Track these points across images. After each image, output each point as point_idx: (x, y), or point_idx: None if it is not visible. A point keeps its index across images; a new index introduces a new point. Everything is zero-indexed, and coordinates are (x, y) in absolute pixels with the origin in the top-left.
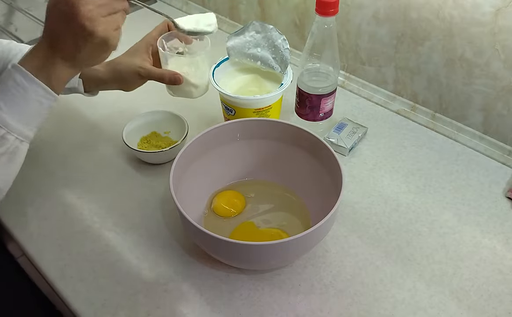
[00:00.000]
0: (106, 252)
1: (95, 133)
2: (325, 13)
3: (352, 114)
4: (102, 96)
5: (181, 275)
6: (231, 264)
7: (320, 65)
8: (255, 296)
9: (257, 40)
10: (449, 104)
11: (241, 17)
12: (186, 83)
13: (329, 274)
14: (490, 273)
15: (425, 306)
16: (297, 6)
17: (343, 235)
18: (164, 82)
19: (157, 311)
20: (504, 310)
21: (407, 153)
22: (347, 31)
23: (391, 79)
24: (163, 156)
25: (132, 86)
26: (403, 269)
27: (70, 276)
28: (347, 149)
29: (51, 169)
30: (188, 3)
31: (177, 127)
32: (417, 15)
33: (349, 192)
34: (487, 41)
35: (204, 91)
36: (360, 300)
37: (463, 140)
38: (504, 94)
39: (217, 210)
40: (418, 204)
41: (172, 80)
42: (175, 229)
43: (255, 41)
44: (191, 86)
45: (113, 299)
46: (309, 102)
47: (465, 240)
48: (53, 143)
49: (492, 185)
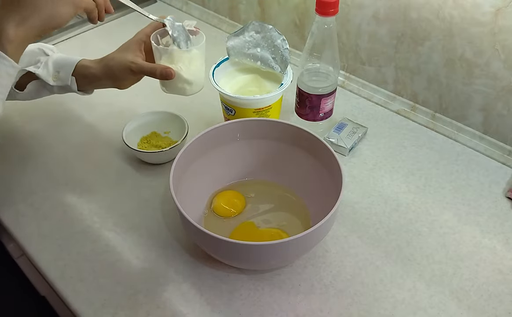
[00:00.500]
0: (106, 252)
1: (95, 134)
2: (325, 13)
3: (352, 114)
4: (102, 97)
5: (181, 275)
6: (231, 264)
7: (320, 65)
8: (255, 296)
9: (256, 40)
10: (449, 104)
11: (241, 17)
12: (179, 79)
13: (329, 274)
14: (490, 273)
15: (425, 306)
16: (297, 6)
17: (343, 235)
18: (156, 77)
19: (157, 311)
20: (504, 310)
21: (407, 153)
22: (347, 31)
23: (391, 79)
24: (163, 156)
25: (125, 83)
26: (403, 269)
27: (70, 276)
28: (347, 149)
29: (51, 169)
30: (188, 3)
31: (177, 127)
32: (417, 15)
33: (349, 192)
34: (487, 41)
35: (199, 89)
36: (360, 300)
37: (463, 140)
38: (504, 94)
39: (217, 210)
40: (418, 204)
41: (164, 74)
42: (175, 229)
43: (255, 41)
44: (184, 82)
45: (113, 299)
46: (309, 102)
47: (465, 240)
48: (53, 144)
49: (492, 185)
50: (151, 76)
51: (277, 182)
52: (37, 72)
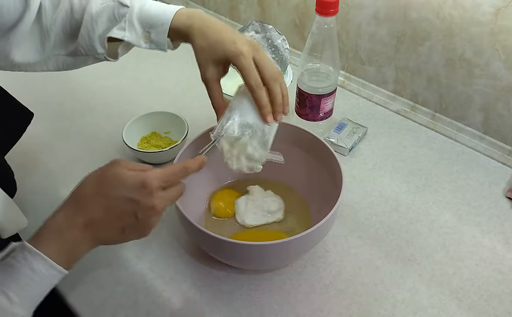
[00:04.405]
0: (106, 252)
1: (95, 134)
2: (325, 13)
3: (352, 114)
4: (102, 97)
5: (181, 275)
6: (231, 264)
7: (320, 65)
8: (255, 296)
9: (256, 40)
10: (449, 104)
11: (241, 17)
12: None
13: (329, 274)
14: (490, 273)
15: (425, 306)
16: (297, 6)
17: (343, 235)
18: (216, 112)
19: (157, 311)
20: (504, 310)
21: (407, 154)
22: (347, 31)
23: (391, 79)
24: (163, 156)
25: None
26: (403, 269)
27: (70, 276)
28: (347, 149)
29: (51, 169)
30: (188, 3)
31: (177, 127)
32: (417, 15)
33: (349, 192)
34: (487, 41)
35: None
36: (360, 300)
37: (463, 140)
38: (504, 94)
39: (214, 210)
40: (418, 204)
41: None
42: (175, 229)
43: (255, 41)
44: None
45: (113, 299)
46: (309, 102)
47: (465, 240)
48: (53, 144)
49: (492, 185)
50: (213, 107)
51: (277, 182)
52: (126, 39)
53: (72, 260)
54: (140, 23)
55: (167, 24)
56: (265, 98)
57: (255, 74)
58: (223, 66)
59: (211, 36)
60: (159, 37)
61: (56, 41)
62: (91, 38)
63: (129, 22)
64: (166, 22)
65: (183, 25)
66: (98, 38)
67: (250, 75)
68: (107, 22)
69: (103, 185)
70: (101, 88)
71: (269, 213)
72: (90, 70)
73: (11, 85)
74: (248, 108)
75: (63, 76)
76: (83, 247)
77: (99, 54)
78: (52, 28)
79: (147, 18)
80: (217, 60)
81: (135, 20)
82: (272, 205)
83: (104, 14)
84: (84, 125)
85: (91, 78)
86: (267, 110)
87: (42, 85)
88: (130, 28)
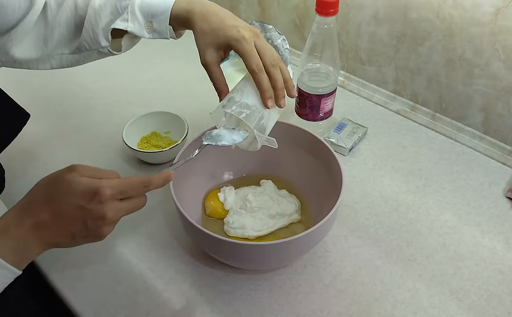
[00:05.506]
0: (106, 252)
1: (95, 134)
2: (325, 13)
3: (352, 114)
4: (102, 97)
5: (181, 275)
6: (231, 264)
7: (320, 65)
8: (255, 296)
9: None
10: (449, 104)
11: (241, 17)
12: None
13: (329, 274)
14: (490, 273)
15: (425, 306)
16: (297, 6)
17: (343, 235)
18: (219, 95)
19: (157, 311)
20: (504, 310)
21: (407, 153)
22: (347, 31)
23: (391, 79)
24: (163, 156)
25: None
26: (403, 269)
27: (70, 276)
28: (347, 149)
29: (51, 169)
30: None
31: (177, 127)
32: (417, 15)
33: (349, 192)
34: (487, 41)
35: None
36: (360, 300)
37: (463, 140)
38: (504, 94)
39: (208, 210)
40: (418, 204)
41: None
42: (175, 229)
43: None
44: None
45: (113, 299)
46: (309, 102)
47: (465, 240)
48: (52, 144)
49: (492, 185)
50: (215, 88)
51: (277, 182)
52: (129, 29)
53: (23, 261)
54: (142, 13)
55: (167, 12)
56: (267, 82)
57: (257, 58)
58: (223, 51)
59: (213, 20)
60: (161, 26)
61: (59, 39)
62: (94, 31)
63: (132, 13)
64: (166, 10)
65: (183, 11)
66: (101, 31)
67: (252, 59)
68: (110, 15)
69: (54, 190)
70: (101, 88)
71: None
72: (90, 70)
73: (11, 85)
74: (250, 91)
75: (63, 76)
76: (33, 248)
77: (103, 48)
78: (56, 26)
79: (149, 7)
80: (218, 44)
81: (137, 10)
82: (276, 208)
83: (107, 7)
84: (84, 125)
85: (91, 78)
86: (268, 95)
87: (42, 84)
88: (133, 18)
